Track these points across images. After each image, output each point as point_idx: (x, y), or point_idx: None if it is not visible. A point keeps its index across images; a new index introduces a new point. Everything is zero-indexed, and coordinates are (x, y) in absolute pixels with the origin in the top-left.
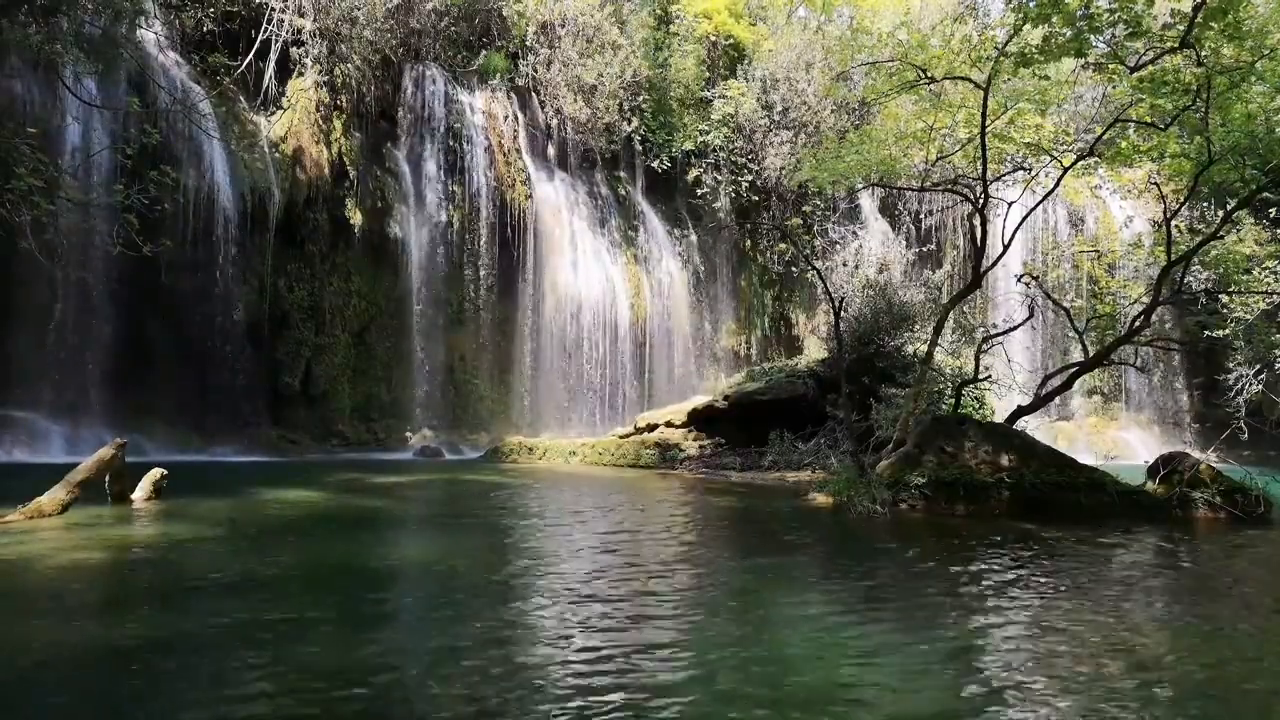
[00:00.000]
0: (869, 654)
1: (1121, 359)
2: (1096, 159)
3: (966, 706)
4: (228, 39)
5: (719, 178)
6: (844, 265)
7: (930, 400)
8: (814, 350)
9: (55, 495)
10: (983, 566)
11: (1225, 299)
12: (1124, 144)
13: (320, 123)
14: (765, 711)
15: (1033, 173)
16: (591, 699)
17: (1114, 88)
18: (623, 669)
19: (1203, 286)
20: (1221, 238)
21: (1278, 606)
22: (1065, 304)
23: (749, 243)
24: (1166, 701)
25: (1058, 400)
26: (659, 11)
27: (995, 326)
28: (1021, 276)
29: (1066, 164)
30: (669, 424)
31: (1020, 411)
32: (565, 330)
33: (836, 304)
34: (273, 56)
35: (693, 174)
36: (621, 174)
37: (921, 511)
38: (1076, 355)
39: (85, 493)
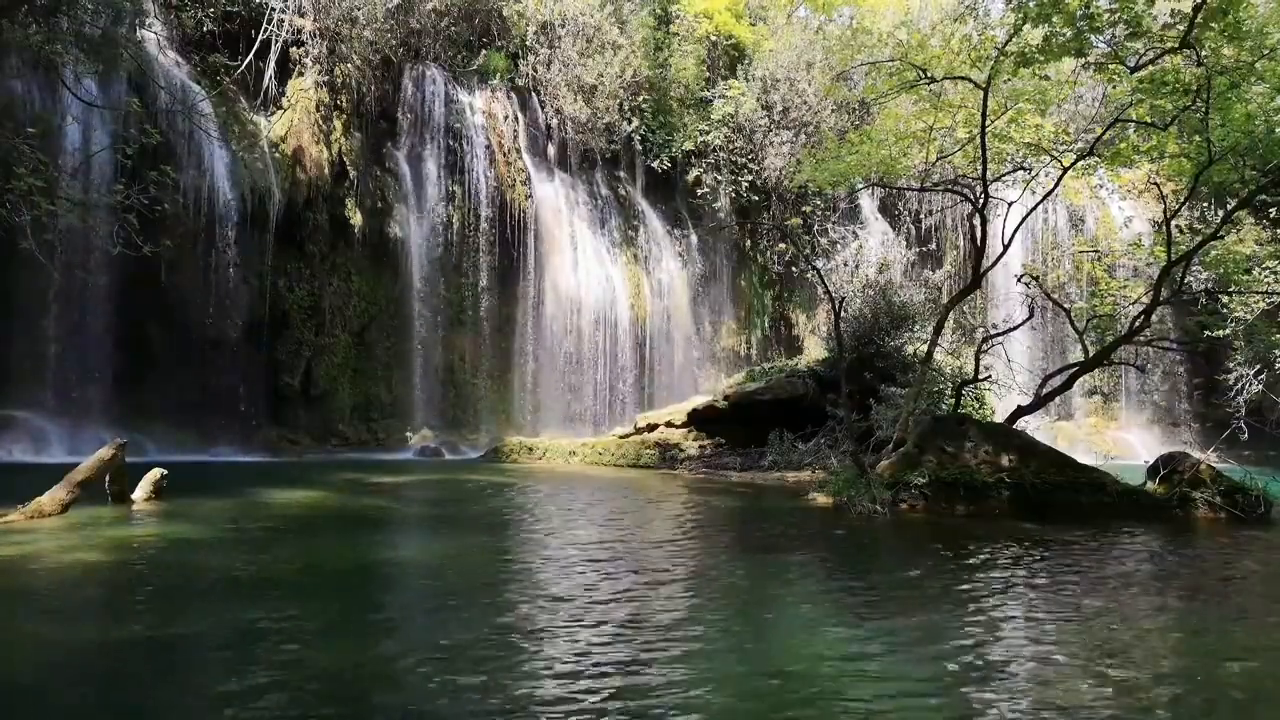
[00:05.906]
0: (868, 654)
1: (1121, 359)
2: (1096, 159)
3: (966, 705)
4: (228, 39)
5: (719, 178)
6: (844, 265)
7: (930, 400)
8: (814, 350)
9: (55, 495)
10: (982, 567)
11: (1225, 299)
12: (1124, 144)
13: (320, 123)
14: (764, 712)
15: (1033, 173)
16: (591, 699)
17: (1114, 88)
18: (621, 670)
19: (1203, 286)
20: (1221, 238)
21: (1274, 606)
22: (1065, 304)
23: (749, 243)
24: (1162, 701)
25: (1058, 400)
26: (659, 11)
27: (995, 326)
28: (1021, 276)
29: (1066, 164)
30: (669, 424)
31: (1020, 411)
32: (565, 330)
33: (836, 304)
34: (273, 56)
35: (693, 174)
36: (621, 174)
37: (921, 511)
38: (1076, 355)
39: (85, 493)
